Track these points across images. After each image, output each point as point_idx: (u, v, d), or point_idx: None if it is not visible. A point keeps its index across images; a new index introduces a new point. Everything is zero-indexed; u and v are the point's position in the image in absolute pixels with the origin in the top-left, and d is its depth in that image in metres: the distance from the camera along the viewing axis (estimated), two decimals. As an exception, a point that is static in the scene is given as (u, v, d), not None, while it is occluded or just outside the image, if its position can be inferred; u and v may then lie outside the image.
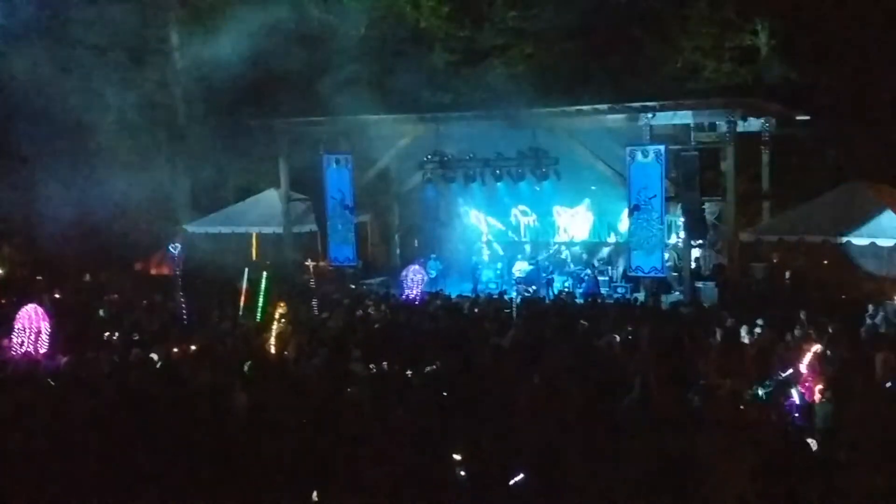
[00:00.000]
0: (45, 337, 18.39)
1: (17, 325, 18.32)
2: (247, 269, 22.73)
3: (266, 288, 21.30)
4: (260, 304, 21.09)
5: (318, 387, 14.51)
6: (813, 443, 11.54)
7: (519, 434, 11.78)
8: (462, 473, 10.44)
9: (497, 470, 10.57)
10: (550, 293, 27.02)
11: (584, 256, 29.98)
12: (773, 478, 10.24)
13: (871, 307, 19.20)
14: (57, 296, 24.21)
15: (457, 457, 10.56)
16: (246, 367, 15.65)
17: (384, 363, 15.91)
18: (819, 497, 9.93)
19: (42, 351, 18.20)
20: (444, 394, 14.04)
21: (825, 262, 23.73)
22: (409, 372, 15.40)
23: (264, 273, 22.02)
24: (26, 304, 19.02)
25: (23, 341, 18.23)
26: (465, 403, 13.13)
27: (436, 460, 10.77)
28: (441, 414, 12.86)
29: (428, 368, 15.54)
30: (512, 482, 10.14)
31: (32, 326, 18.37)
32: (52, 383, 15.24)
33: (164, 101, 31.33)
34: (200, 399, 13.63)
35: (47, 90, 27.59)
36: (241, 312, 21.41)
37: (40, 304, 19.37)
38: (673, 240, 27.56)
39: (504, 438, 11.53)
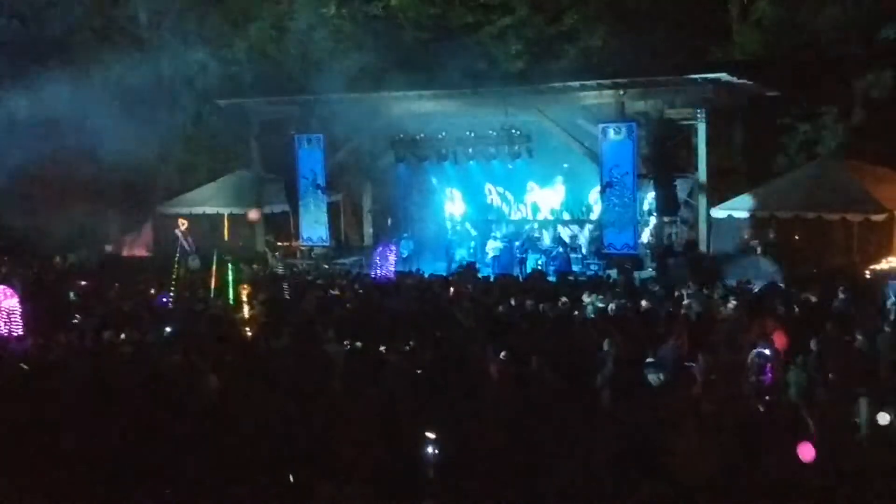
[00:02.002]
0: (16, 318, 18.20)
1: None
2: (216, 251, 22.63)
3: (235, 270, 21.20)
4: (230, 286, 20.99)
5: (289, 367, 14.45)
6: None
7: (491, 412, 11.78)
8: (435, 451, 10.42)
9: (470, 448, 10.57)
10: (523, 271, 27.08)
11: (557, 234, 30.04)
12: (746, 453, 10.30)
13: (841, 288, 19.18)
14: (26, 278, 23.94)
15: (430, 435, 10.54)
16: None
17: (357, 342, 15.88)
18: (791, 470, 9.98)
19: (15, 332, 18.00)
20: (418, 372, 14.03)
21: (796, 237, 23.85)
22: (382, 350, 15.37)
23: (231, 256, 21.95)
24: (-6, 286, 18.84)
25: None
26: (438, 382, 13.13)
27: (409, 439, 10.75)
28: (414, 392, 12.85)
29: (401, 347, 15.51)
30: (486, 459, 10.16)
31: (2, 307, 18.18)
32: (24, 367, 15.08)
33: (134, 82, 30.99)
34: (171, 382, 13.54)
35: (15, 71, 27.22)
36: (211, 294, 21.31)
37: (10, 287, 19.16)
38: (645, 217, 27.62)
39: (477, 416, 11.53)
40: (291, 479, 10.31)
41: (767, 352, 13.99)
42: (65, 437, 11.15)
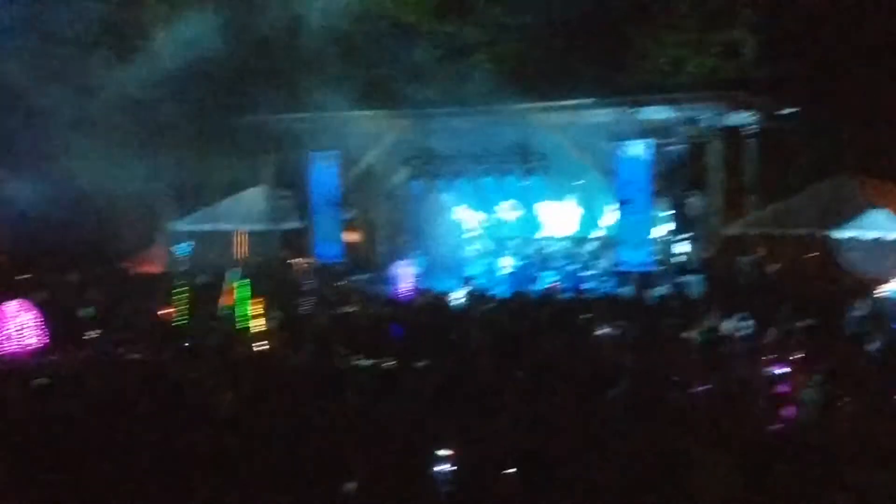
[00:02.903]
0: (32, 332, 18.23)
1: (6, 324, 18.15)
2: (231, 268, 22.69)
3: (250, 286, 21.23)
4: (245, 302, 21.02)
5: (304, 383, 14.44)
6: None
7: (506, 429, 11.74)
8: (450, 469, 10.40)
9: (484, 466, 10.54)
10: (537, 289, 27.02)
11: (571, 251, 29.96)
12: (761, 473, 10.23)
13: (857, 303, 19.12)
14: (41, 295, 24.00)
15: (444, 453, 10.52)
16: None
17: (371, 359, 15.87)
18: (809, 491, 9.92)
19: (30, 347, 18.03)
20: (432, 390, 13.99)
21: (810, 255, 23.77)
22: (396, 368, 15.36)
23: (246, 272, 21.98)
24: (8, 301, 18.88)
25: (9, 337, 18.08)
26: (453, 399, 13.10)
27: (423, 456, 10.73)
28: (428, 410, 12.82)
29: (415, 364, 15.49)
30: (499, 476, 10.12)
31: (17, 322, 18.21)
32: (43, 381, 15.10)
33: (147, 97, 31.13)
34: (186, 398, 13.54)
35: (25, 83, 27.32)
36: (225, 311, 21.34)
37: (26, 301, 19.21)
38: (659, 234, 27.56)
39: (491, 434, 11.50)
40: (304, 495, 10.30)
41: (782, 371, 13.93)
42: (80, 452, 11.16)
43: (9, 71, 26.59)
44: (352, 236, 31.73)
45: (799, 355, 14.75)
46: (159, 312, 21.95)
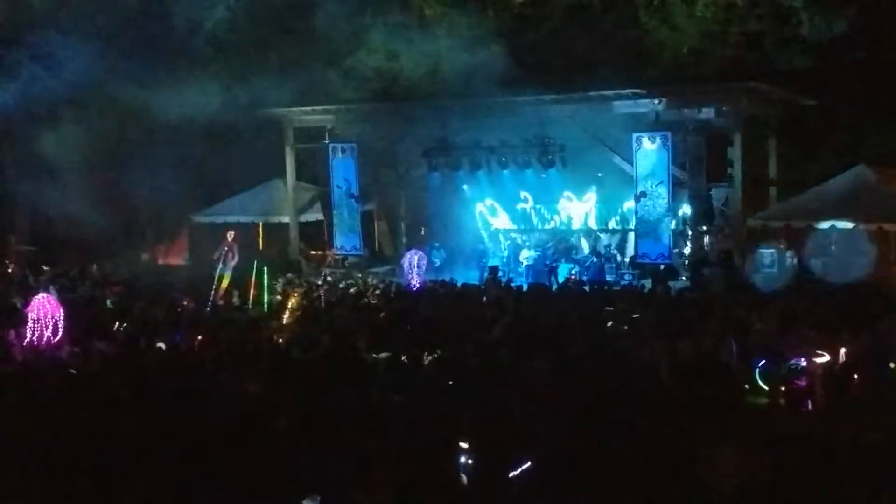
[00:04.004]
0: (56, 326, 18.35)
1: (31, 316, 18.28)
2: (255, 261, 22.80)
3: (270, 278, 21.34)
4: (265, 294, 21.13)
5: (323, 376, 14.48)
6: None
7: (525, 423, 11.74)
8: (468, 462, 10.41)
9: (503, 459, 10.55)
10: (555, 281, 27.02)
11: (591, 244, 29.93)
12: (781, 465, 10.20)
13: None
14: (63, 285, 24.20)
15: (463, 445, 10.54)
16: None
17: (390, 352, 15.90)
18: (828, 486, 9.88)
19: (53, 340, 18.15)
20: (450, 382, 14.01)
21: (832, 247, 23.64)
22: (414, 360, 15.38)
23: (266, 264, 22.08)
24: (34, 294, 19.02)
25: (41, 332, 18.20)
26: (470, 391, 13.11)
27: (441, 449, 10.74)
28: (448, 402, 12.83)
29: (432, 356, 15.51)
30: (517, 472, 10.12)
31: (47, 316, 18.33)
32: (72, 372, 15.19)
33: (168, 90, 31.25)
34: (209, 390, 13.60)
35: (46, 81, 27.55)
36: (248, 303, 21.46)
37: (48, 294, 19.36)
38: (679, 226, 27.48)
39: (510, 427, 11.50)
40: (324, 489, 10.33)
41: (802, 362, 13.88)
42: (102, 444, 11.24)
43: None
44: (371, 228, 31.80)
45: (821, 346, 14.67)
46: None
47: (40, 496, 10.39)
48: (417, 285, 25.11)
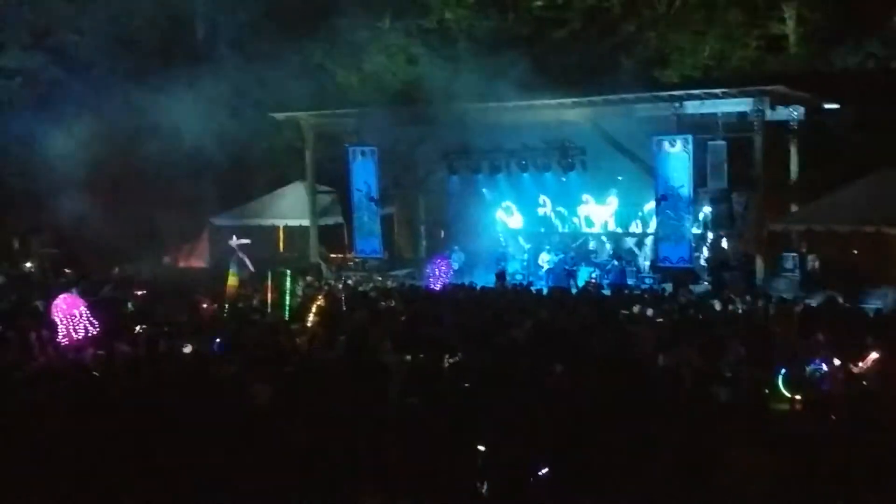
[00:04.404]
0: (80, 326, 18.43)
1: (54, 317, 18.38)
2: (272, 264, 22.86)
3: (291, 281, 21.36)
4: (287, 297, 21.15)
5: (342, 378, 14.51)
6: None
7: (543, 425, 11.72)
8: (486, 465, 10.41)
9: (522, 462, 10.54)
10: (575, 284, 26.95)
11: (611, 247, 29.81)
12: (801, 468, 10.16)
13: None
14: (85, 289, 24.33)
15: (481, 448, 10.53)
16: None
17: (409, 354, 15.91)
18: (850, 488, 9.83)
19: (75, 340, 18.21)
20: (468, 385, 14.00)
21: (854, 251, 23.49)
22: (434, 362, 15.39)
23: (287, 268, 22.11)
24: (56, 296, 19.12)
25: (63, 333, 18.30)
26: (489, 394, 13.10)
27: (460, 452, 10.74)
28: (466, 405, 12.83)
29: (451, 359, 15.51)
30: (538, 475, 10.11)
31: (68, 317, 18.41)
32: (95, 374, 15.26)
33: (190, 95, 31.41)
34: (225, 392, 13.66)
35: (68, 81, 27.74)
36: (268, 306, 21.49)
37: (71, 295, 19.45)
38: (700, 230, 27.36)
39: (528, 430, 11.48)
40: (340, 491, 10.35)
41: (824, 367, 13.81)
42: (119, 446, 11.30)
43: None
44: (391, 232, 31.83)
45: (843, 351, 14.61)
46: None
47: (51, 494, 10.47)
48: (440, 289, 25.14)
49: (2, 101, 30.01)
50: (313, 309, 20.46)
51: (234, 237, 25.50)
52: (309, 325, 19.61)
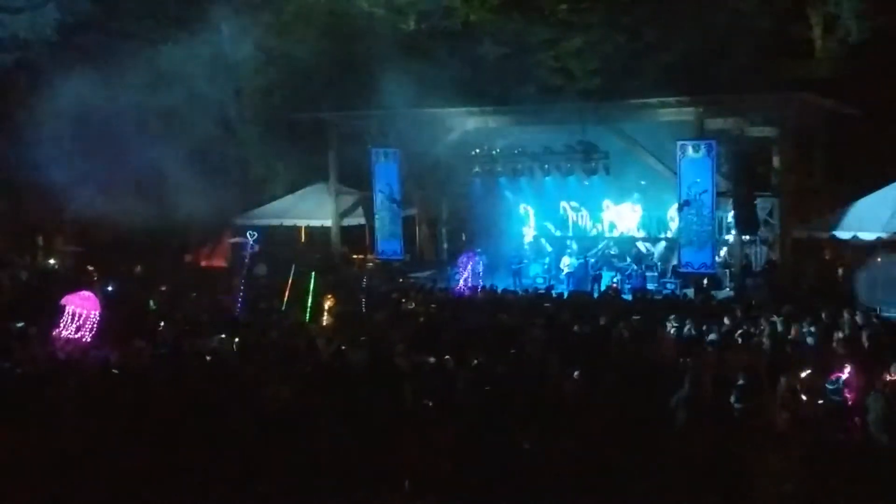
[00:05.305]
0: (93, 321, 18.48)
1: (72, 313, 18.42)
2: (294, 264, 22.85)
3: (314, 282, 21.36)
4: (309, 298, 21.15)
5: (362, 380, 14.50)
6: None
7: (564, 430, 11.69)
8: (505, 468, 10.40)
9: (543, 466, 10.52)
10: (597, 289, 26.87)
11: (636, 252, 29.71)
12: (823, 477, 10.09)
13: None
14: (108, 287, 24.43)
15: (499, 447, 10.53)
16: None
17: (430, 357, 15.88)
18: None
19: (88, 337, 18.27)
20: (488, 388, 13.97)
21: (878, 259, 23.28)
22: (454, 365, 15.34)
23: (312, 268, 22.11)
24: (77, 293, 19.17)
25: (83, 330, 18.36)
26: (511, 398, 13.07)
27: (479, 456, 10.73)
28: (486, 408, 12.80)
29: (473, 362, 15.47)
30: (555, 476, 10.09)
31: (89, 314, 18.47)
32: (115, 372, 15.31)
33: (214, 94, 31.52)
34: (244, 392, 13.67)
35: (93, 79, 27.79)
36: (286, 306, 21.51)
37: (92, 293, 19.51)
38: (723, 236, 27.23)
39: (550, 434, 11.45)
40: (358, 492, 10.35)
41: (845, 376, 13.67)
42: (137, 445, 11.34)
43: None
44: (413, 233, 31.82)
45: (863, 360, 14.45)
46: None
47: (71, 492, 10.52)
48: (466, 291, 25.15)
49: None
50: (326, 308, 20.53)
51: (249, 236, 25.49)
52: (325, 325, 19.64)
